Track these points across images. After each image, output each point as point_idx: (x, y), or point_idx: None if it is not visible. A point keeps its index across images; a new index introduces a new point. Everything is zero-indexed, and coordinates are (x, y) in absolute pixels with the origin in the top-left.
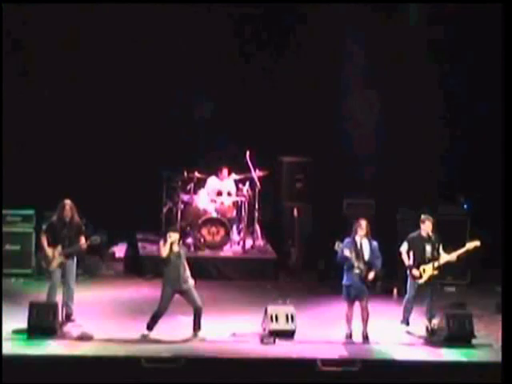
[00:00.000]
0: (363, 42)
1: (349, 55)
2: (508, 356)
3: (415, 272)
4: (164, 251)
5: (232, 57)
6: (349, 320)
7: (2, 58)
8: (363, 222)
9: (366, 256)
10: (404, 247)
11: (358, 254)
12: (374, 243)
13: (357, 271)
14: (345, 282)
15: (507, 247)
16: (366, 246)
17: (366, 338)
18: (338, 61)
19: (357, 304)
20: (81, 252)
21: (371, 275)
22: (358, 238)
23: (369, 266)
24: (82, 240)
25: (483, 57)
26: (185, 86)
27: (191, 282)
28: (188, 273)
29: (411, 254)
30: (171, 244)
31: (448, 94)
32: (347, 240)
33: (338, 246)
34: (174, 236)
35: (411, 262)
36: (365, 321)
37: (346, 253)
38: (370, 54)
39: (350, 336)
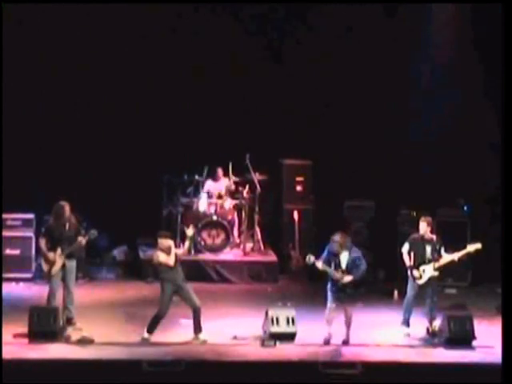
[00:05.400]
0: (363, 43)
1: (350, 57)
2: (508, 358)
3: (416, 273)
4: (171, 260)
5: (232, 59)
6: (329, 323)
7: (1, 59)
8: (337, 235)
9: (344, 265)
10: (405, 248)
11: (336, 264)
12: (354, 254)
13: (334, 280)
14: (328, 290)
15: (507, 248)
16: (343, 256)
17: (345, 342)
18: (338, 62)
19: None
20: (81, 250)
21: (347, 279)
22: (335, 250)
23: (346, 273)
24: (81, 237)
25: (485, 58)
26: (185, 89)
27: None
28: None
29: (412, 254)
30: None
31: (448, 95)
32: (325, 253)
33: (309, 259)
34: (171, 241)
35: (412, 262)
36: (347, 326)
37: (319, 266)
38: (370, 54)
39: (328, 339)
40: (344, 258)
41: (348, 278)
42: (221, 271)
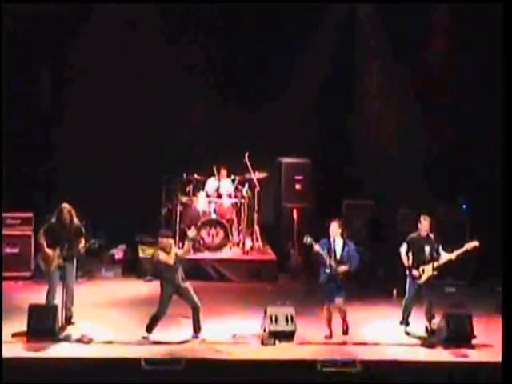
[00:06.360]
0: (364, 44)
1: (349, 56)
2: (508, 356)
3: (415, 272)
4: (171, 259)
5: (230, 57)
6: (328, 321)
7: (1, 58)
8: (335, 223)
9: (338, 254)
10: (403, 248)
11: (330, 252)
12: (350, 245)
13: (327, 270)
14: (320, 280)
15: (507, 247)
16: (338, 246)
17: (345, 333)
18: (338, 61)
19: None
20: (79, 255)
21: (341, 268)
22: (331, 238)
23: (340, 263)
24: (81, 243)
25: (485, 57)
26: (183, 88)
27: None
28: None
29: (410, 254)
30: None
31: (448, 94)
32: (322, 241)
33: (306, 239)
34: (171, 241)
35: (410, 262)
36: (343, 319)
37: (316, 247)
38: (370, 54)
39: (329, 337)
40: (339, 248)
41: (342, 268)
42: (220, 270)
